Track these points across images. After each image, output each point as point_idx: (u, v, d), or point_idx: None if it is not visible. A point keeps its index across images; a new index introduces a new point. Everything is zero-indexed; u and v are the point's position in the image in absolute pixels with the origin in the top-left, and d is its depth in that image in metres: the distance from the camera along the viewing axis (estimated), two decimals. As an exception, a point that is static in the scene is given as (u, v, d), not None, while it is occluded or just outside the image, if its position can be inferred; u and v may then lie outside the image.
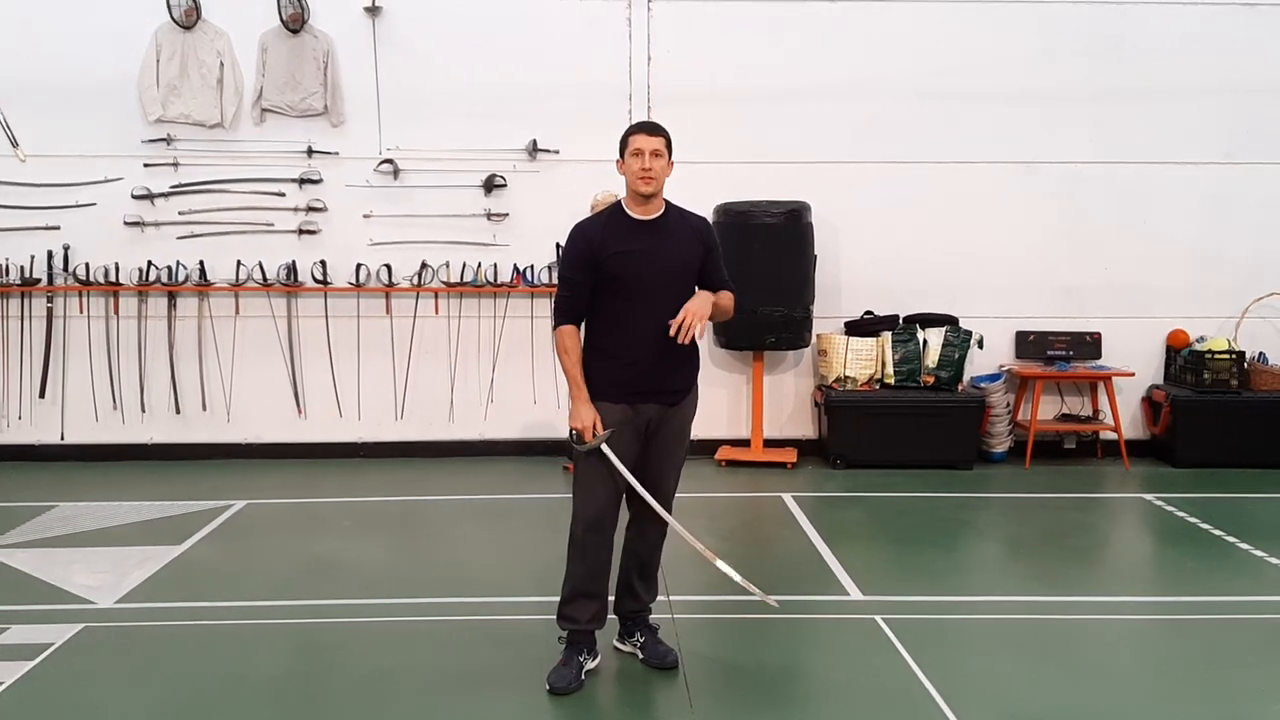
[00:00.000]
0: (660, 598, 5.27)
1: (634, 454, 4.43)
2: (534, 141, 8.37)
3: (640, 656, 4.71)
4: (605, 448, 4.33)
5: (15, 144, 8.26)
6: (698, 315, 4.26)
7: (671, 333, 4.23)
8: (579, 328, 4.48)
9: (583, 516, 4.44)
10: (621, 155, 4.42)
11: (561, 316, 4.44)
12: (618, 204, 4.50)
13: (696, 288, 4.50)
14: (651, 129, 4.40)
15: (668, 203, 4.50)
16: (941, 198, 8.59)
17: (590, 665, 4.56)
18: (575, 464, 4.50)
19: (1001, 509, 7.48)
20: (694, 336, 4.27)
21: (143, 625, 5.12)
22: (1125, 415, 8.59)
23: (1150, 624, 5.29)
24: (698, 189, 8.35)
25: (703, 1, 8.45)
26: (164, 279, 8.34)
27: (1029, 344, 8.64)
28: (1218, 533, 6.60)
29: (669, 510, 4.55)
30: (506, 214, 8.43)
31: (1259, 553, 6.19)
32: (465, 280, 8.45)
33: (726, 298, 4.56)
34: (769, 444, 8.56)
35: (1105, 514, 7.45)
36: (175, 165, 8.32)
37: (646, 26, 8.44)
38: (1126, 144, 8.60)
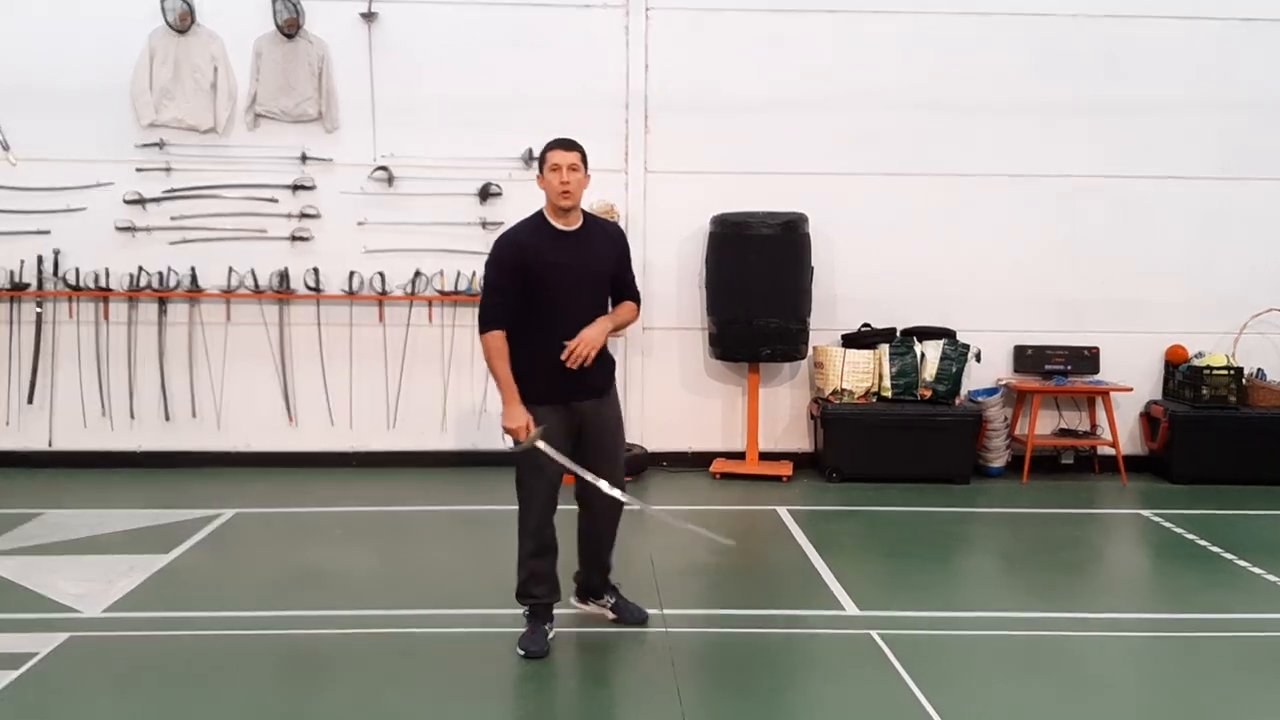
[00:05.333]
0: (653, 611, 5.29)
1: (568, 450, 4.76)
2: (529, 150, 8.33)
3: (612, 616, 5.15)
4: (542, 444, 4.62)
5: (6, 147, 8.21)
6: (591, 344, 4.68)
7: (563, 356, 4.64)
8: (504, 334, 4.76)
9: (532, 509, 4.81)
10: (541, 171, 4.77)
11: (491, 323, 4.72)
12: (540, 215, 4.83)
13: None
14: (567, 145, 4.77)
15: (585, 213, 4.89)
16: (939, 210, 8.57)
17: (552, 634, 4.93)
18: (518, 460, 4.79)
19: (998, 524, 7.45)
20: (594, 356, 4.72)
21: (129, 635, 5.07)
22: (1123, 430, 8.57)
23: (1147, 640, 5.26)
24: (694, 199, 8.41)
25: (701, 12, 8.42)
26: (155, 285, 8.28)
27: (1027, 358, 8.60)
28: (1215, 549, 6.57)
29: (618, 483, 4.90)
30: (501, 222, 8.35)
31: (1256, 569, 6.17)
32: (459, 289, 8.40)
33: (628, 311, 4.98)
34: (764, 457, 8.52)
35: (1102, 529, 7.43)
36: (168, 170, 8.27)
37: (644, 36, 8.41)
38: (1124, 158, 8.58)
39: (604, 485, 4.77)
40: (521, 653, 4.77)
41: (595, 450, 4.88)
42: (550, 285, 4.68)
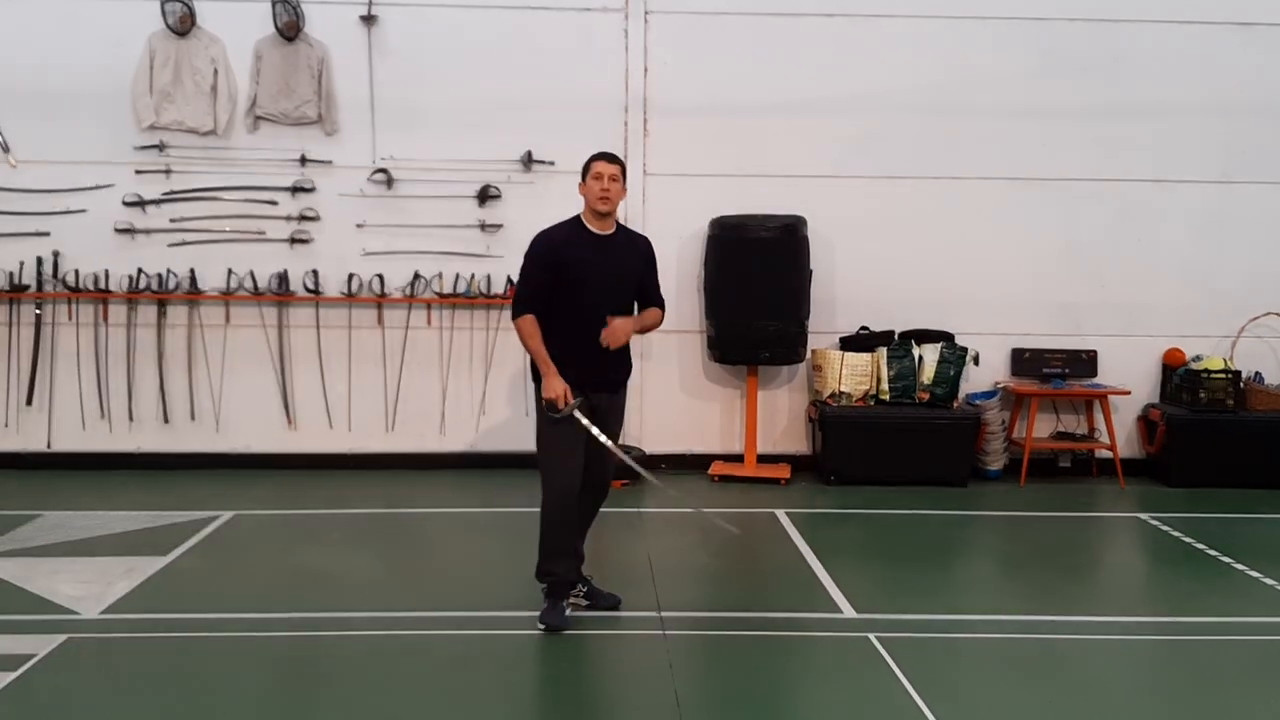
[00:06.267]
0: (651, 614, 5.28)
1: (585, 435, 5.08)
2: (529, 153, 8.34)
3: (585, 604, 5.36)
4: (577, 413, 4.99)
5: (6, 149, 8.21)
6: (623, 331, 5.09)
7: (602, 337, 5.03)
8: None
9: (556, 487, 5.12)
10: (584, 178, 5.16)
11: (523, 309, 5.12)
12: (577, 219, 5.21)
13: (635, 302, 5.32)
14: (611, 158, 5.16)
15: (618, 224, 5.27)
16: (938, 213, 8.57)
17: (569, 611, 5.20)
18: (541, 442, 5.15)
19: (996, 527, 7.46)
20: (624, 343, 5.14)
21: (127, 637, 5.07)
22: (1121, 434, 8.57)
23: (1145, 644, 5.26)
24: (693, 201, 8.42)
25: (700, 15, 8.43)
26: (154, 287, 8.28)
27: (1025, 361, 8.61)
28: (1213, 553, 6.58)
29: (609, 474, 5.37)
30: (500, 225, 8.39)
31: (1254, 573, 6.17)
32: (458, 291, 8.41)
33: (652, 316, 5.35)
34: (762, 459, 8.52)
35: (1100, 533, 7.43)
36: (167, 172, 8.27)
37: (643, 39, 8.42)
38: (1123, 162, 8.59)
39: (621, 454, 5.15)
40: (542, 626, 5.02)
41: (603, 433, 5.19)
42: (579, 283, 5.05)
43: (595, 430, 5.04)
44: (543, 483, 5.16)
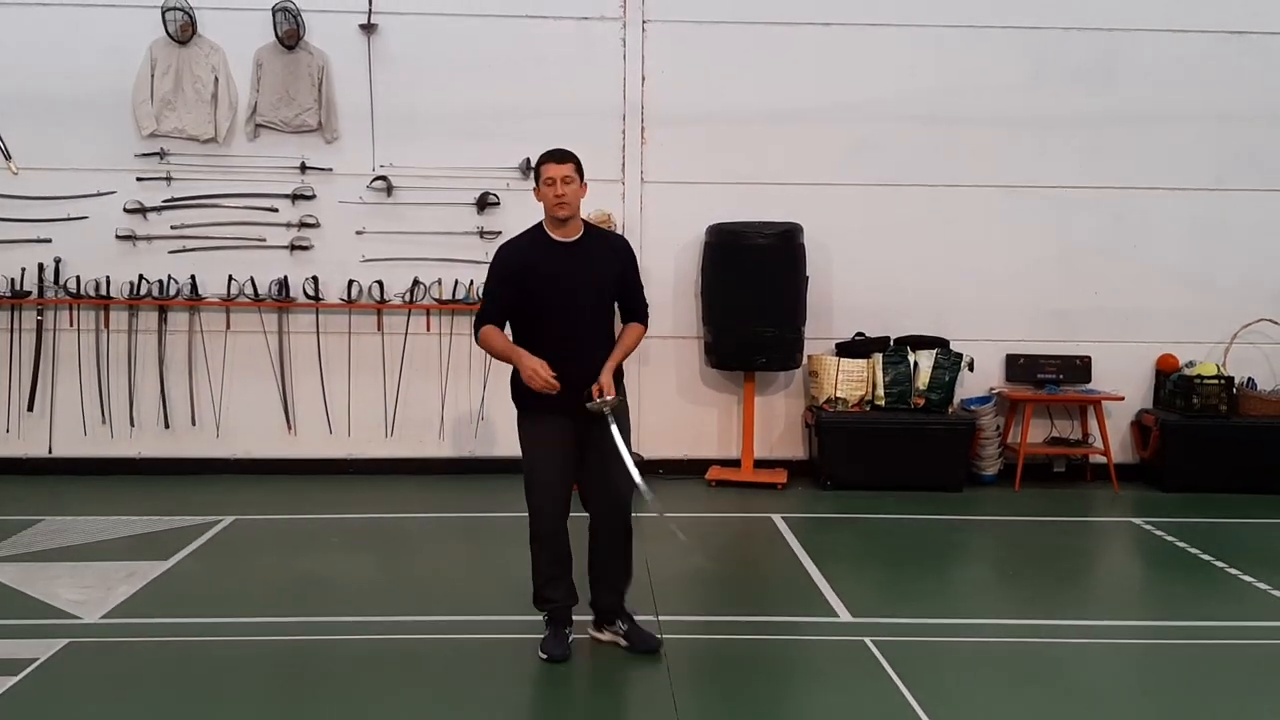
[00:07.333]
0: (649, 618, 5.30)
1: (574, 460, 4.83)
2: (527, 160, 8.38)
3: (624, 644, 4.95)
4: (598, 406, 4.68)
5: (8, 156, 8.25)
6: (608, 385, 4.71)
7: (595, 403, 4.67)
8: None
9: (539, 515, 4.82)
10: (536, 183, 4.72)
11: (482, 326, 4.73)
12: (539, 227, 4.79)
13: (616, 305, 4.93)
14: (560, 157, 4.69)
15: (585, 224, 4.83)
16: (933, 220, 8.61)
17: (572, 638, 4.90)
18: (524, 464, 4.88)
19: (991, 531, 7.49)
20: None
21: (128, 641, 5.10)
22: (1115, 439, 8.61)
23: (1139, 648, 5.30)
24: (691, 209, 8.46)
25: (697, 24, 8.48)
26: (155, 293, 8.32)
27: (1019, 367, 8.64)
28: (1206, 557, 6.61)
29: (629, 496, 4.90)
30: (499, 232, 8.41)
31: (1247, 578, 6.20)
32: (457, 298, 8.45)
33: (632, 338, 4.90)
34: (759, 464, 8.55)
35: (1094, 538, 7.47)
36: (168, 179, 8.32)
37: (640, 47, 8.46)
38: (1117, 169, 8.63)
39: (635, 474, 4.74)
40: (544, 657, 4.81)
41: (599, 458, 4.84)
42: (547, 297, 4.67)
43: (620, 440, 4.70)
44: (528, 507, 4.87)
